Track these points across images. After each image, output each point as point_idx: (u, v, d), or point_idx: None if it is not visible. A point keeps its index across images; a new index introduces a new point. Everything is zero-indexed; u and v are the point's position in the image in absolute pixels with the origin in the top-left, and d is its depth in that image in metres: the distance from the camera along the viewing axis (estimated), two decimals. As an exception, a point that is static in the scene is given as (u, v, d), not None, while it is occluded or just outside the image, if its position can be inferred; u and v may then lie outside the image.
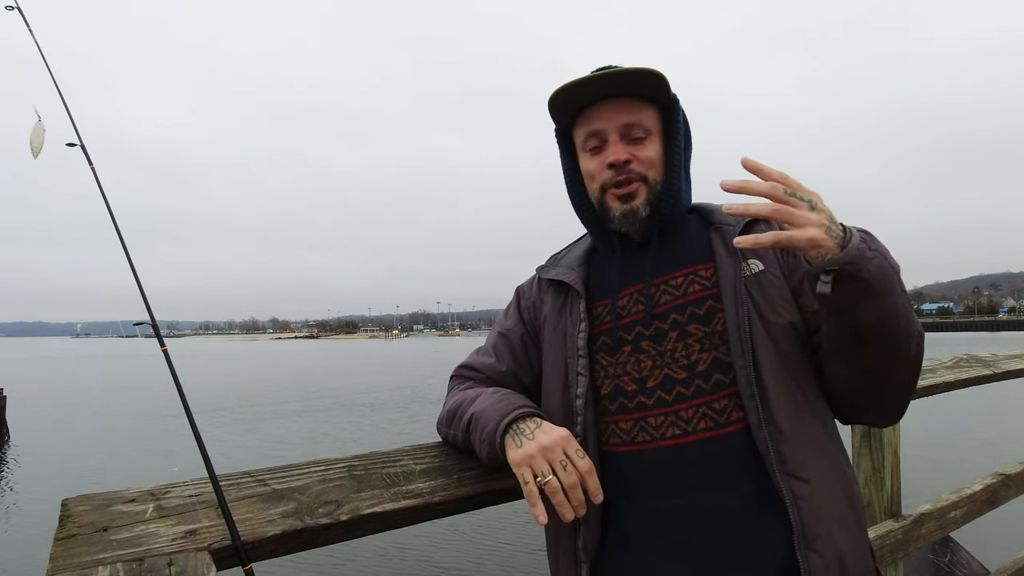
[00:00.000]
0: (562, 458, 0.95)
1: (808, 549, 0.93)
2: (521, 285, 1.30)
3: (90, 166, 1.28)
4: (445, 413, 1.18)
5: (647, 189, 1.09)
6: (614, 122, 1.09)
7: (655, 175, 1.10)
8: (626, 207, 1.09)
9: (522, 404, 1.05)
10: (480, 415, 1.06)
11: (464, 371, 1.25)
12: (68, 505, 0.85)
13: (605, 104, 1.09)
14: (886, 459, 1.98)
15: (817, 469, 0.98)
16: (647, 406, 1.04)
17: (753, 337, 1.00)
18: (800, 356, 1.04)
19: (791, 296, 1.06)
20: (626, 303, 1.11)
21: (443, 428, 1.18)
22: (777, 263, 1.08)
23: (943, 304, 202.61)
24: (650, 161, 1.09)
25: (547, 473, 0.94)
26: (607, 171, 1.09)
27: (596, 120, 1.10)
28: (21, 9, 1.37)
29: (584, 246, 1.24)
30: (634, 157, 1.08)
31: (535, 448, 0.96)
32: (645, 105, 1.10)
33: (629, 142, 1.09)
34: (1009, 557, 2.73)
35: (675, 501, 1.00)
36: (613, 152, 1.08)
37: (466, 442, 1.10)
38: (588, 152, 1.13)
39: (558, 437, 0.97)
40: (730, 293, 1.04)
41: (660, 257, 1.12)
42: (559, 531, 1.09)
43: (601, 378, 1.10)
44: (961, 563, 3.48)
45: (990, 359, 2.51)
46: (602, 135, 1.10)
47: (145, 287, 1.17)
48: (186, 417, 1.03)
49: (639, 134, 1.09)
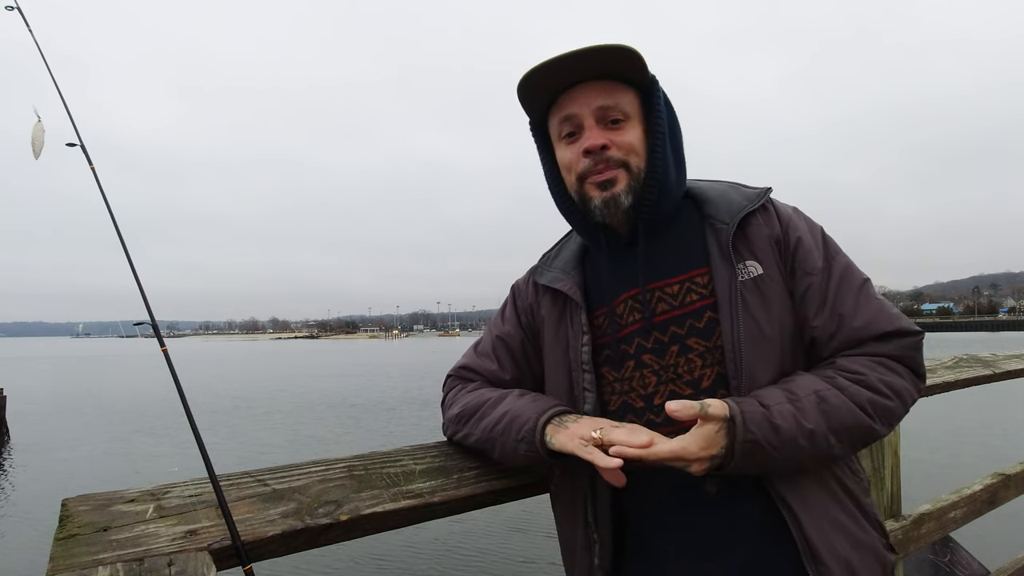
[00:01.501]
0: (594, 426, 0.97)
1: (817, 563, 0.94)
2: (517, 283, 1.26)
3: (90, 166, 1.28)
4: (459, 412, 1.15)
5: (628, 176, 1.02)
6: (588, 105, 1.02)
7: (637, 161, 1.03)
8: (606, 194, 1.02)
9: (557, 403, 1.06)
10: (517, 414, 1.05)
11: (464, 372, 1.23)
12: (68, 505, 0.85)
13: (578, 88, 1.02)
14: (886, 459, 1.98)
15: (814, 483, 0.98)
16: (656, 423, 1.02)
17: (748, 355, 0.98)
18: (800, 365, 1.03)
19: (790, 299, 1.03)
20: (622, 310, 1.08)
21: (453, 426, 1.16)
22: (776, 263, 1.04)
23: (943, 304, 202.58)
24: (630, 146, 1.02)
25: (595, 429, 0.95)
26: (584, 159, 1.02)
27: (569, 105, 1.03)
28: (21, 9, 1.37)
29: (577, 243, 1.18)
30: (612, 142, 1.01)
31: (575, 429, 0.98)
32: (621, 87, 1.03)
33: (606, 127, 1.02)
34: (1009, 557, 2.73)
35: (689, 515, 1.01)
36: (589, 137, 1.01)
37: (485, 442, 1.09)
38: (563, 141, 1.06)
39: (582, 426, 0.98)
40: (725, 306, 1.00)
41: (653, 258, 1.06)
42: (574, 546, 1.09)
43: (608, 394, 1.08)
44: (961, 563, 3.48)
45: (990, 359, 2.50)
46: (576, 120, 1.03)
47: (141, 287, 1.17)
48: (186, 417, 1.03)
49: (616, 116, 1.02)
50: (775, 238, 1.05)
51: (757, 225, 1.06)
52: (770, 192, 1.10)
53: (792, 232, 1.06)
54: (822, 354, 1.03)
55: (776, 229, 1.05)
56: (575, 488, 1.08)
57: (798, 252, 1.04)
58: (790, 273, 1.04)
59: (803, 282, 1.03)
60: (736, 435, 0.90)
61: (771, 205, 1.09)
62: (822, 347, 1.03)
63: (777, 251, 1.04)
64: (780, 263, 1.04)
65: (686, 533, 1.01)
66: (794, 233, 1.05)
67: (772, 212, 1.08)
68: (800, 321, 1.03)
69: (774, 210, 1.08)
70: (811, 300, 1.02)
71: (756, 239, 1.05)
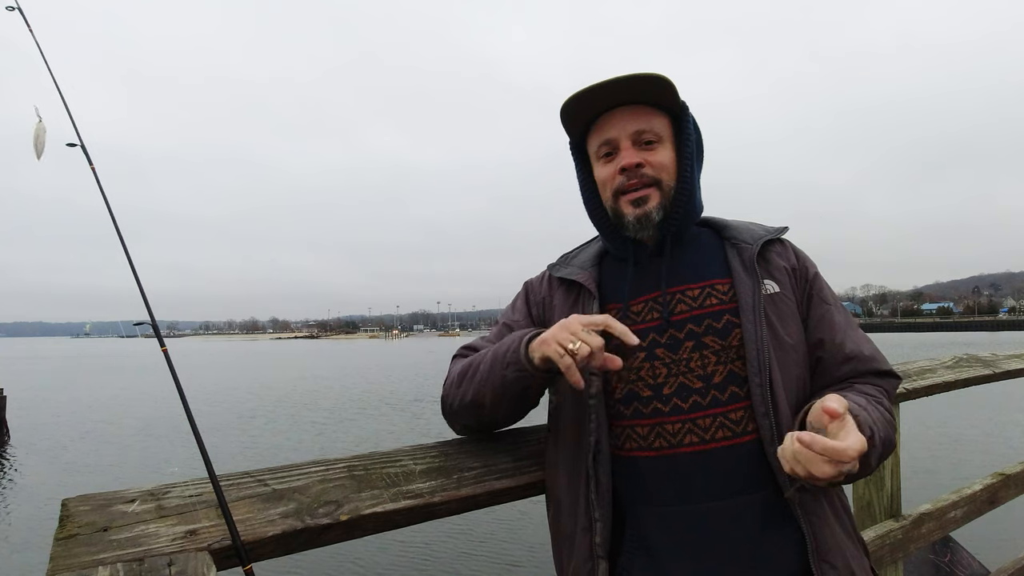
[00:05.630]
0: (580, 327, 0.97)
1: (823, 561, 0.98)
2: (530, 280, 1.30)
3: (90, 166, 1.28)
4: (456, 375, 1.18)
5: (660, 194, 1.10)
6: (626, 129, 1.10)
7: (668, 179, 1.11)
8: (639, 211, 1.10)
9: (534, 328, 1.09)
10: (498, 349, 1.08)
11: (465, 350, 1.25)
12: (68, 505, 0.85)
13: (616, 112, 1.11)
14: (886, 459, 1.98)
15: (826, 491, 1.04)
16: (663, 412, 1.05)
17: (769, 356, 1.04)
18: (808, 379, 1.10)
19: (801, 322, 1.12)
20: (640, 309, 1.12)
21: (452, 390, 1.18)
22: (791, 287, 1.13)
23: (943, 304, 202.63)
24: (662, 165, 1.11)
25: (574, 340, 0.95)
26: (619, 176, 1.11)
27: (608, 128, 1.11)
28: (22, 9, 1.37)
29: (596, 248, 1.25)
30: (646, 161, 1.10)
31: (554, 332, 0.99)
32: (655, 112, 1.11)
33: (641, 147, 1.11)
34: (1009, 557, 2.73)
35: (693, 506, 1.02)
36: (625, 157, 1.10)
37: (480, 389, 1.10)
38: (601, 160, 1.14)
39: (567, 319, 1.00)
40: (749, 310, 1.06)
41: (675, 266, 1.13)
42: (573, 528, 1.09)
43: (615, 381, 1.10)
44: (961, 563, 3.48)
45: (990, 359, 2.51)
46: (614, 143, 1.11)
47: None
48: (186, 417, 1.03)
49: (650, 138, 1.11)
50: (791, 267, 1.16)
51: (775, 253, 1.16)
52: (787, 230, 1.22)
53: (810, 267, 1.19)
54: (829, 374, 1.11)
55: (792, 261, 1.17)
56: (577, 470, 1.09)
57: (815, 283, 1.16)
58: (806, 298, 1.15)
59: (819, 308, 1.14)
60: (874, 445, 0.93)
61: (788, 242, 1.21)
62: (831, 368, 1.11)
63: (793, 279, 1.15)
64: (795, 289, 1.14)
65: (685, 527, 1.01)
66: (811, 268, 1.19)
67: (789, 248, 1.20)
68: (813, 341, 1.12)
69: (791, 247, 1.21)
70: (827, 325, 1.12)
71: (774, 264, 1.15)
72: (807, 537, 0.99)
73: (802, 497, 1.00)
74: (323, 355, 75.48)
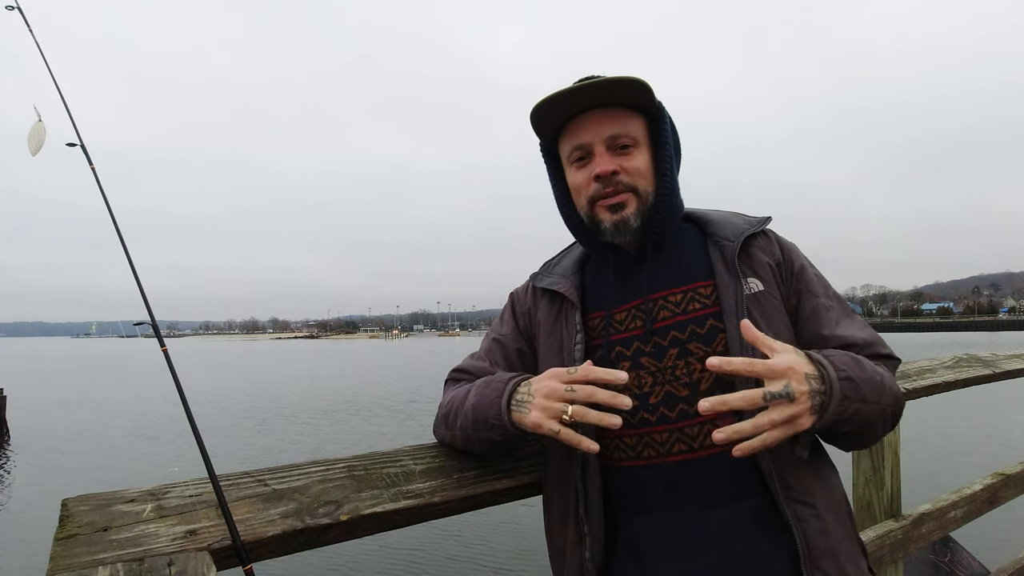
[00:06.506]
0: (565, 387, 0.95)
1: (815, 568, 0.96)
2: (516, 290, 1.29)
3: (90, 166, 1.27)
4: (440, 416, 1.17)
5: (637, 200, 1.07)
6: (599, 134, 1.06)
7: (645, 185, 1.08)
8: (616, 217, 1.07)
9: (505, 378, 1.05)
10: (479, 403, 1.05)
11: (458, 375, 1.25)
12: (68, 505, 0.85)
13: (589, 115, 1.07)
14: (886, 459, 1.98)
15: (819, 495, 1.01)
16: (650, 422, 1.03)
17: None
18: None
19: (788, 318, 1.09)
20: (623, 318, 1.10)
21: (440, 430, 1.17)
22: (776, 284, 1.09)
23: (943, 304, 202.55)
24: (638, 171, 1.07)
25: (566, 408, 0.94)
26: (594, 183, 1.07)
27: (581, 133, 1.08)
28: (22, 9, 1.37)
29: (577, 253, 1.23)
30: (621, 168, 1.06)
31: (540, 402, 0.97)
32: (630, 114, 1.08)
33: (616, 153, 1.07)
34: (1009, 557, 2.74)
35: (682, 514, 1.01)
36: (599, 164, 1.06)
37: (466, 441, 1.10)
38: (574, 165, 1.10)
39: (549, 377, 0.98)
40: (732, 314, 1.03)
41: (657, 271, 1.10)
42: (564, 542, 1.09)
43: None
44: (961, 563, 3.48)
45: (990, 359, 2.50)
46: (587, 148, 1.08)
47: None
48: (187, 417, 1.03)
49: (626, 142, 1.07)
50: (775, 262, 1.11)
51: (758, 248, 1.12)
52: (770, 220, 1.17)
53: (795, 259, 1.13)
54: None
55: (777, 255, 1.12)
56: (567, 484, 1.09)
57: (802, 277, 1.12)
58: (794, 293, 1.10)
59: (809, 303, 1.10)
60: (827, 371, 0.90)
61: (771, 233, 1.16)
62: None
63: (777, 273, 1.10)
64: (780, 285, 1.10)
65: (677, 534, 1.00)
66: (797, 260, 1.13)
67: (773, 239, 1.15)
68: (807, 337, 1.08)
69: (775, 238, 1.16)
70: (819, 318, 1.08)
71: (757, 260, 1.11)
72: (799, 543, 0.96)
73: (795, 503, 0.98)
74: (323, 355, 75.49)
